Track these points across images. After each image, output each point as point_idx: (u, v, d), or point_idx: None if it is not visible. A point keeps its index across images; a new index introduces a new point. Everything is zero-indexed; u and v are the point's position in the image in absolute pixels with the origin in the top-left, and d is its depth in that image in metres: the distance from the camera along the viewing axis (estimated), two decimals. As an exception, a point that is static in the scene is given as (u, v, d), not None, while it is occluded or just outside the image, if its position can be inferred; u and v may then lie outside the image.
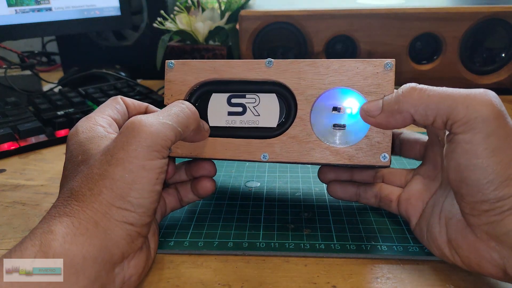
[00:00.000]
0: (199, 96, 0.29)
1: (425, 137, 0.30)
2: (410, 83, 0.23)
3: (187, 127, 0.25)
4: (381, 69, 0.25)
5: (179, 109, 0.26)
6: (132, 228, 0.23)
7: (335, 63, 0.26)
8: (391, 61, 0.25)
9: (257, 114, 0.28)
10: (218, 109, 0.29)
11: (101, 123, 0.27)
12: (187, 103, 0.27)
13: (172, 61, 0.29)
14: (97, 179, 0.22)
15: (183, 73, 0.29)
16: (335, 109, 0.27)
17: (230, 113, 0.29)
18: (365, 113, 0.25)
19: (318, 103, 0.27)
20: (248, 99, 0.29)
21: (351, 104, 0.27)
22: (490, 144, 0.21)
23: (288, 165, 0.41)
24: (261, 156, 0.28)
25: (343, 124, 0.27)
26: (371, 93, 0.25)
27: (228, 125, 0.29)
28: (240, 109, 0.29)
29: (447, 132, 0.23)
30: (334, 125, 0.27)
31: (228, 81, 0.29)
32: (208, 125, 0.29)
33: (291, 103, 0.28)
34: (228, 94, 0.29)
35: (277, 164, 0.41)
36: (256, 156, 0.28)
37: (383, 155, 0.26)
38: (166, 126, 0.24)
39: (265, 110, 0.28)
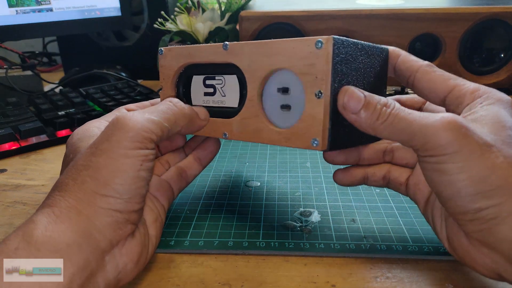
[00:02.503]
0: (185, 79, 0.32)
1: None
2: (388, 105, 0.23)
3: (175, 123, 0.27)
4: (313, 48, 0.24)
5: (166, 107, 0.27)
6: (119, 215, 0.23)
7: (276, 43, 0.26)
8: (323, 39, 0.23)
9: (223, 95, 0.30)
10: (197, 90, 0.32)
11: (96, 125, 0.29)
12: (175, 100, 0.28)
13: (162, 48, 0.32)
14: (81, 169, 0.23)
15: (170, 58, 0.32)
16: (279, 90, 0.26)
17: (205, 94, 0.31)
18: (341, 105, 0.24)
19: (268, 84, 0.27)
20: (217, 81, 0.30)
21: (294, 84, 0.26)
22: (455, 163, 0.20)
23: (288, 165, 0.41)
24: (222, 134, 0.30)
25: (288, 105, 0.26)
26: (306, 74, 0.24)
27: (204, 105, 0.31)
28: (211, 90, 0.31)
29: None
30: (281, 106, 0.26)
31: (202, 64, 0.30)
32: (194, 105, 0.30)
33: (244, 85, 0.28)
34: (203, 76, 0.31)
35: (277, 164, 0.41)
36: (219, 134, 0.30)
37: (313, 140, 0.25)
38: (150, 121, 0.24)
39: (229, 91, 0.30)
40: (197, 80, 0.31)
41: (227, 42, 0.28)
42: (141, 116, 0.25)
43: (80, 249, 0.21)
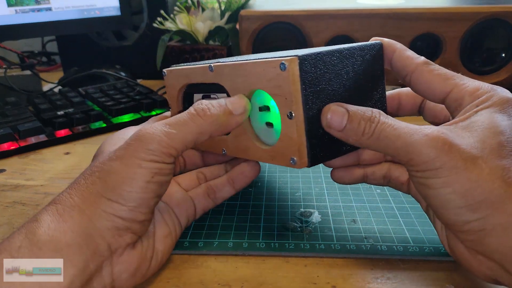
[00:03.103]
0: (188, 96, 0.33)
1: None
2: (371, 120, 0.22)
3: (201, 133, 0.24)
4: (279, 70, 0.23)
5: (188, 116, 0.25)
6: (120, 221, 0.22)
7: (248, 65, 0.25)
8: (287, 61, 0.22)
9: None
10: None
11: (129, 132, 0.29)
12: (198, 105, 0.25)
13: (164, 70, 0.33)
14: (95, 171, 0.23)
15: (172, 79, 0.33)
16: (261, 108, 0.27)
17: None
18: (326, 125, 0.24)
19: (252, 102, 0.27)
20: (212, 99, 0.30)
21: (273, 103, 0.26)
22: (439, 178, 0.20)
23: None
24: (222, 150, 0.30)
25: (271, 123, 0.26)
26: (276, 95, 0.24)
27: None
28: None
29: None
30: (266, 123, 0.27)
31: (198, 84, 0.31)
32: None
33: None
34: (201, 94, 0.32)
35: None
36: (219, 150, 0.30)
37: (291, 159, 0.25)
38: (168, 136, 0.23)
39: None
40: (197, 98, 0.32)
41: (212, 64, 0.28)
42: (159, 129, 0.24)
43: (80, 250, 0.21)
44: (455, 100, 0.24)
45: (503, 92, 0.23)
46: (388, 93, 0.29)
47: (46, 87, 0.70)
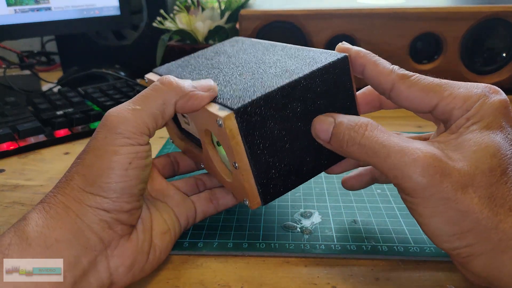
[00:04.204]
0: None
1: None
2: (357, 130, 0.22)
3: (164, 103, 0.24)
4: (218, 125, 0.22)
5: (150, 89, 0.24)
6: (107, 214, 0.22)
7: (203, 109, 0.25)
8: (223, 118, 0.22)
9: (193, 128, 0.30)
10: (180, 117, 0.32)
11: None
12: (162, 77, 0.25)
13: (146, 76, 0.33)
14: (72, 166, 0.23)
15: None
16: (218, 143, 0.27)
17: (185, 122, 0.32)
18: (314, 133, 0.24)
19: (212, 135, 0.27)
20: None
21: None
22: (429, 207, 0.20)
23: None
24: (200, 164, 0.31)
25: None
26: (221, 143, 0.24)
27: (187, 131, 0.32)
28: (187, 120, 0.31)
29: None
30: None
31: None
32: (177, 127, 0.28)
33: None
34: None
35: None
36: (198, 163, 0.32)
37: (244, 200, 0.25)
38: (134, 113, 0.23)
39: (193, 126, 0.30)
40: None
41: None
42: (123, 108, 0.23)
43: (70, 245, 0.21)
44: (443, 114, 0.23)
45: (494, 98, 0.22)
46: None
47: (45, 87, 0.70)
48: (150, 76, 0.32)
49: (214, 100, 0.24)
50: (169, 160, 0.32)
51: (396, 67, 0.24)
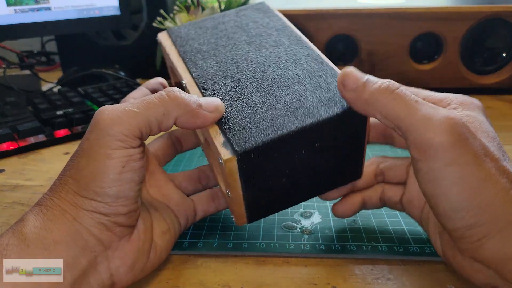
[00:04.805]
0: None
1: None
2: (392, 85, 0.21)
3: (165, 114, 0.22)
4: (219, 160, 0.22)
5: (155, 96, 0.23)
6: (104, 217, 0.22)
7: (212, 144, 0.24)
8: (224, 159, 0.21)
9: None
10: None
11: None
12: (170, 88, 0.24)
13: (158, 35, 0.32)
14: (66, 169, 0.23)
15: (165, 48, 0.32)
16: None
17: None
18: (340, 82, 0.23)
19: None
20: None
21: None
22: (451, 173, 0.19)
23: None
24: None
25: None
26: (220, 173, 0.25)
27: None
28: None
29: None
30: None
31: None
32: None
33: None
34: None
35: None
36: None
37: (232, 217, 0.26)
38: (130, 115, 0.22)
39: None
40: None
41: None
42: (119, 109, 0.22)
43: (68, 247, 0.21)
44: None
45: (469, 100, 0.23)
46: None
47: (45, 87, 0.70)
48: (161, 36, 0.32)
49: (220, 121, 0.24)
50: (170, 142, 0.31)
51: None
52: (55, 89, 0.61)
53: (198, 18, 0.66)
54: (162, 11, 0.67)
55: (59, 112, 0.51)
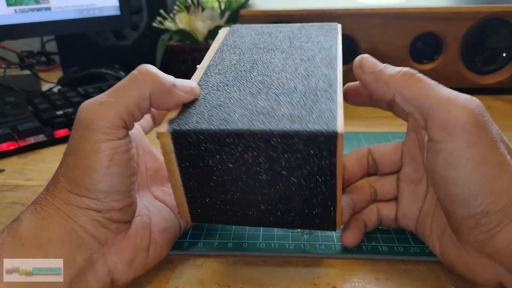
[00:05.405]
0: None
1: (396, 144, 0.28)
2: (412, 70, 0.22)
3: (140, 96, 0.22)
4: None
5: (127, 79, 0.22)
6: (98, 214, 0.22)
7: None
8: (160, 132, 0.21)
9: None
10: None
11: None
12: (142, 65, 0.23)
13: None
14: (58, 168, 0.23)
15: None
16: None
17: None
18: (358, 64, 0.24)
19: None
20: None
21: None
22: (472, 155, 0.20)
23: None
24: None
25: None
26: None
27: None
28: None
29: (426, 137, 0.22)
30: None
31: None
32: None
33: None
34: None
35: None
36: None
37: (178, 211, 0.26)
38: (107, 106, 0.21)
39: None
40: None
41: None
42: (95, 102, 0.22)
43: (63, 245, 0.21)
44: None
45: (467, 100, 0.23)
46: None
47: (45, 87, 0.70)
48: (222, 30, 0.32)
49: (186, 104, 0.23)
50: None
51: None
52: (55, 89, 0.61)
53: (198, 18, 0.66)
54: (162, 11, 0.67)
55: (59, 112, 0.51)
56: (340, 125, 0.19)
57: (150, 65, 0.23)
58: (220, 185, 0.23)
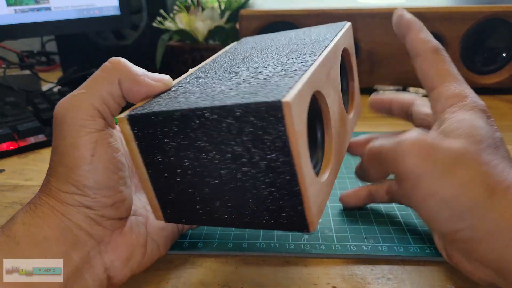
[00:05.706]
0: None
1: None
2: (372, 146, 0.23)
3: (111, 85, 0.22)
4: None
5: (99, 69, 0.23)
6: (91, 211, 0.22)
7: None
8: (119, 117, 0.22)
9: None
10: None
11: None
12: (113, 58, 0.24)
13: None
14: (48, 168, 0.23)
15: None
16: None
17: None
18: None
19: None
20: None
21: None
22: (422, 188, 0.20)
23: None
24: None
25: None
26: None
27: None
28: None
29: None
30: None
31: None
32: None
33: None
34: None
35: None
36: None
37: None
38: (80, 98, 0.22)
39: None
40: None
41: None
42: (71, 95, 0.22)
43: (58, 243, 0.21)
44: (433, 99, 0.25)
45: (476, 100, 0.24)
46: (381, 97, 0.30)
47: (45, 87, 0.70)
48: (231, 44, 0.33)
49: (158, 95, 0.23)
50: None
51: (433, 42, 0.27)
52: (55, 89, 0.61)
53: (198, 18, 0.66)
54: (162, 11, 0.67)
55: (59, 112, 0.51)
56: (290, 96, 0.17)
57: (121, 58, 0.24)
58: (183, 178, 0.21)
